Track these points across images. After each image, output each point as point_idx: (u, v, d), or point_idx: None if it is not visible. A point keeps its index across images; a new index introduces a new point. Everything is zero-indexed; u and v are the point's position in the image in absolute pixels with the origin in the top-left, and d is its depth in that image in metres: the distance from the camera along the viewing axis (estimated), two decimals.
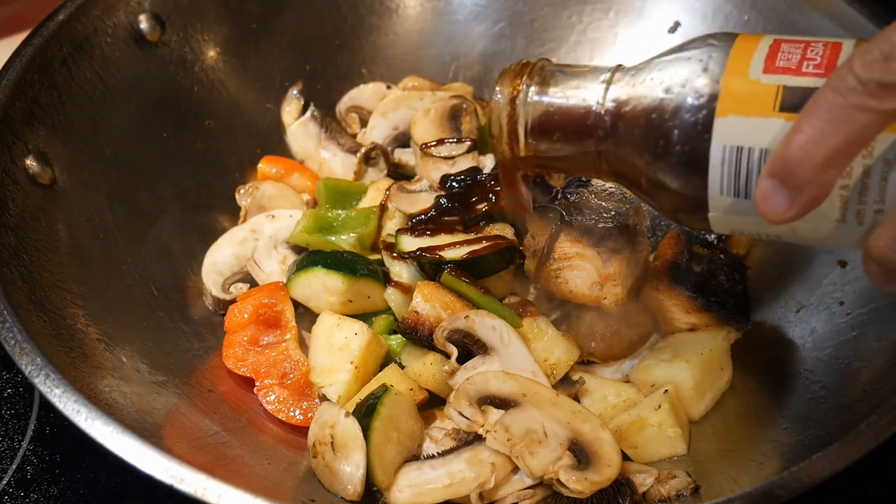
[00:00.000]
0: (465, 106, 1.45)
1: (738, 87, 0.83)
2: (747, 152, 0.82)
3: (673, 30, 1.50)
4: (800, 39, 0.84)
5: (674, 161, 0.88)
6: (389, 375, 1.17)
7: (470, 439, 1.08)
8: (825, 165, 0.72)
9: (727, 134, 0.83)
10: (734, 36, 0.88)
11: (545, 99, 0.96)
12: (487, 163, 1.36)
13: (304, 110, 1.52)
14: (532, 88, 0.97)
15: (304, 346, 1.25)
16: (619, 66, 0.96)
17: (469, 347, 1.13)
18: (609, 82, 0.94)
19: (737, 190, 0.85)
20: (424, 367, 1.17)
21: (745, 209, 0.85)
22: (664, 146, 0.88)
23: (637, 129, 0.90)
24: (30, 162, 1.18)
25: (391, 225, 1.32)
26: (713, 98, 0.84)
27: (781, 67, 0.82)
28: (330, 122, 1.52)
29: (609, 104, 0.92)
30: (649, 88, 0.89)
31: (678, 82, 0.87)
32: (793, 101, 0.80)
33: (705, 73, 0.86)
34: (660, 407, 1.11)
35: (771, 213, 0.76)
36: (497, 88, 0.99)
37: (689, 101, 0.86)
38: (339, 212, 1.35)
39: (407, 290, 1.23)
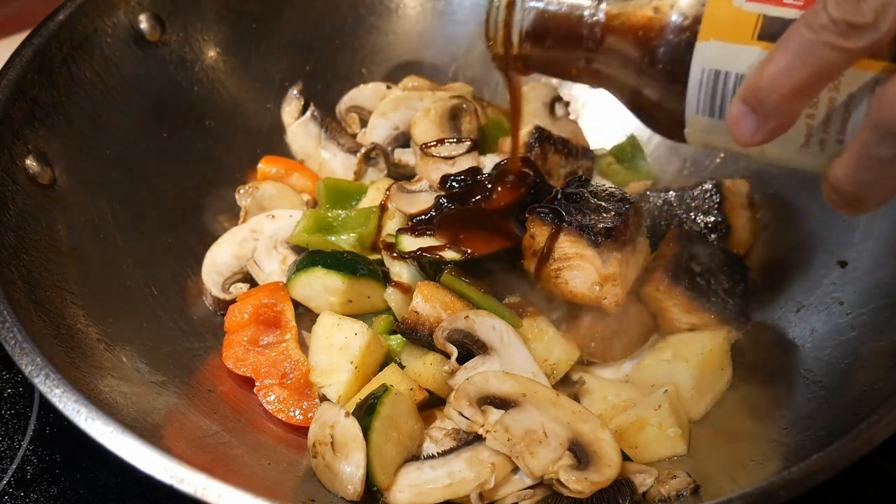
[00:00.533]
0: (465, 106, 1.45)
1: (720, 13, 0.86)
2: (724, 76, 0.86)
3: None
4: None
5: (656, 77, 0.92)
6: (389, 375, 1.17)
7: (470, 439, 1.08)
8: (792, 96, 0.76)
9: (707, 57, 0.86)
10: None
11: (540, 5, 0.99)
12: (487, 163, 1.36)
13: (304, 110, 1.52)
14: None
15: (304, 346, 1.25)
16: None
17: (469, 347, 1.13)
18: None
19: (712, 110, 0.88)
20: (424, 367, 1.17)
21: (718, 128, 0.89)
22: (648, 62, 0.92)
23: (624, 44, 0.94)
24: (30, 162, 1.18)
25: (391, 225, 1.32)
26: (697, 21, 0.87)
27: None
28: (330, 122, 1.52)
29: (600, 16, 0.96)
30: (639, 5, 0.93)
31: (667, 2, 0.90)
32: (771, 31, 0.82)
33: None
34: (660, 407, 1.11)
35: (740, 135, 0.81)
36: None
37: (675, 21, 0.89)
38: (339, 212, 1.35)
39: (407, 290, 1.23)
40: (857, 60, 0.75)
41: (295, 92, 1.52)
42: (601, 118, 1.57)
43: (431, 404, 1.18)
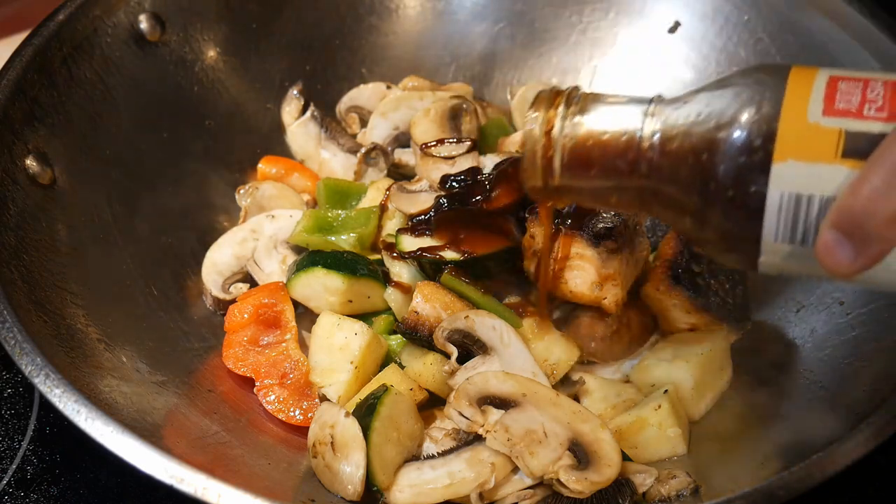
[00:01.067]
0: (465, 106, 1.45)
1: (796, 130, 0.78)
2: (807, 200, 0.78)
3: (673, 30, 1.50)
4: (857, 77, 0.80)
5: (725, 205, 0.83)
6: (389, 375, 1.17)
7: (470, 439, 1.08)
8: (893, 219, 0.70)
9: (786, 180, 0.79)
10: (787, 69, 0.83)
11: (583, 129, 0.90)
12: (487, 163, 1.36)
13: (304, 110, 1.52)
14: (569, 119, 0.91)
15: (304, 346, 1.25)
16: (659, 96, 0.91)
17: (469, 347, 1.13)
18: (651, 114, 0.88)
19: (793, 237, 0.80)
20: (424, 367, 1.17)
21: (801, 255, 0.81)
22: (715, 189, 0.82)
23: (685, 168, 0.85)
24: (30, 162, 1.18)
25: (391, 225, 1.32)
26: (770, 140, 0.79)
27: (842, 110, 0.77)
28: (330, 122, 1.52)
29: (655, 139, 0.87)
30: (697, 124, 0.84)
31: (730, 120, 0.82)
32: (856, 147, 0.76)
33: (760, 111, 0.81)
34: (660, 407, 1.11)
35: (834, 266, 0.74)
36: (531, 116, 0.92)
37: (744, 141, 0.80)
38: (339, 212, 1.35)
39: (407, 290, 1.23)
40: None
41: (295, 92, 1.52)
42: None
43: (431, 404, 1.18)
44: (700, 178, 0.83)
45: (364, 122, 1.53)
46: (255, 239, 1.36)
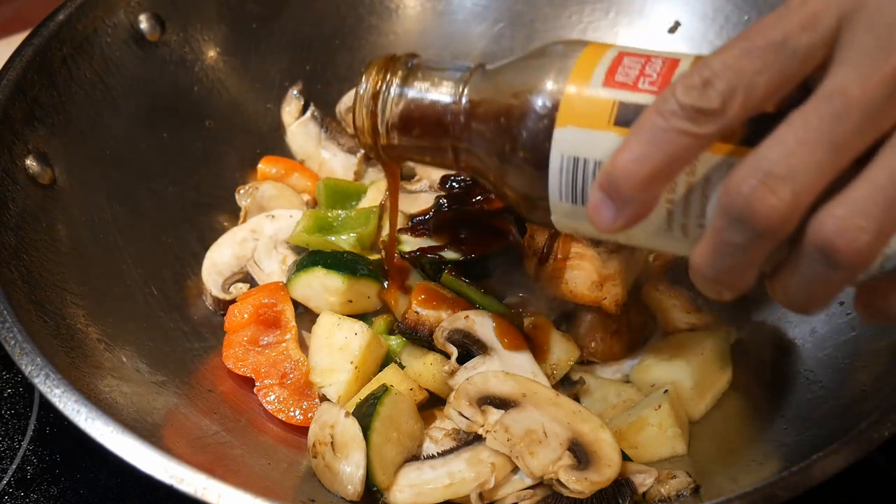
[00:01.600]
0: None
1: (577, 99, 0.85)
2: (583, 163, 0.84)
3: (673, 30, 1.50)
4: (642, 53, 0.86)
5: (518, 165, 0.90)
6: (389, 375, 1.17)
7: (470, 439, 1.08)
8: (648, 183, 0.75)
9: (565, 144, 0.85)
10: (584, 44, 0.90)
11: (406, 95, 0.98)
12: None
13: (304, 110, 1.52)
14: (395, 83, 0.99)
15: (304, 346, 1.25)
16: (480, 65, 0.98)
17: (469, 347, 1.13)
18: (466, 82, 0.96)
19: (574, 197, 0.87)
20: (424, 367, 1.17)
21: (582, 214, 0.87)
22: (510, 150, 0.90)
23: (487, 131, 0.93)
24: (30, 162, 1.18)
25: None
26: (555, 107, 0.86)
27: (619, 82, 0.83)
28: (330, 122, 1.52)
29: (464, 103, 0.95)
30: (501, 92, 0.92)
31: (526, 88, 0.89)
32: (626, 117, 0.81)
33: (551, 81, 0.87)
34: (660, 407, 1.11)
35: (600, 223, 0.79)
36: (361, 78, 1.01)
37: (534, 107, 0.88)
38: (339, 212, 1.35)
39: (407, 290, 1.23)
40: (710, 145, 0.74)
41: (295, 92, 1.52)
42: None
43: (431, 404, 1.18)
44: (499, 141, 0.91)
45: None
46: (255, 239, 1.36)
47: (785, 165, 0.69)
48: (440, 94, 0.97)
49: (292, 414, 1.18)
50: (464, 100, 0.95)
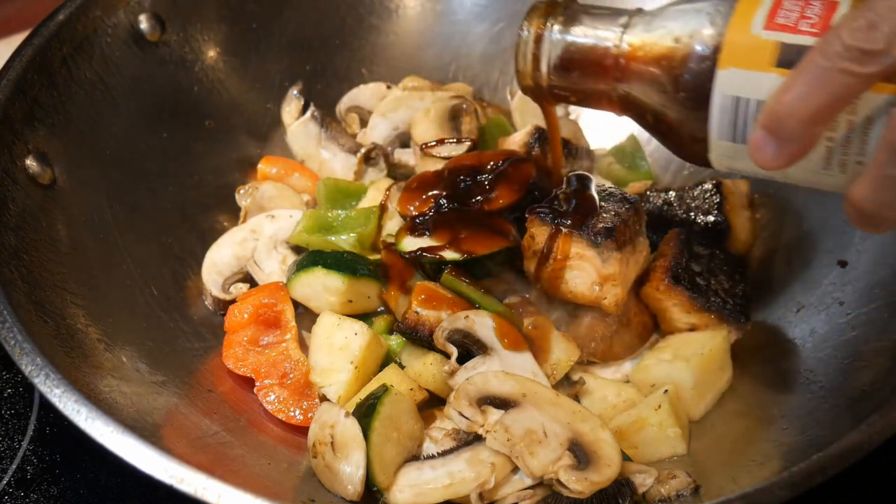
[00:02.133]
0: (465, 106, 1.45)
1: (739, 41, 0.88)
2: (745, 103, 0.88)
3: None
4: None
5: (679, 105, 0.94)
6: (389, 375, 1.17)
7: (470, 439, 1.08)
8: (811, 121, 0.79)
9: (727, 84, 0.88)
10: None
11: (568, 38, 1.02)
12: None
13: (304, 110, 1.52)
14: (556, 28, 1.03)
15: (304, 346, 1.25)
16: (639, 9, 1.01)
17: (469, 347, 1.13)
18: (626, 26, 0.99)
19: (734, 135, 0.90)
20: (424, 367, 1.17)
21: (741, 153, 0.91)
22: (672, 91, 0.94)
23: (648, 73, 0.97)
24: (30, 162, 1.18)
25: (391, 225, 1.32)
26: (717, 50, 0.89)
27: (780, 24, 0.86)
28: (330, 122, 1.52)
29: (624, 47, 0.99)
30: (661, 36, 0.95)
31: (687, 32, 0.93)
32: (788, 58, 0.84)
33: (711, 25, 0.91)
34: (660, 407, 1.11)
35: (762, 160, 0.83)
36: (524, 24, 1.04)
37: (696, 51, 0.91)
38: (339, 212, 1.35)
39: (407, 291, 1.23)
40: (872, 85, 0.77)
41: (295, 92, 1.52)
42: (601, 118, 1.56)
43: (431, 404, 1.18)
44: (660, 82, 0.95)
45: (364, 122, 1.54)
46: (255, 239, 1.36)
47: None
48: (601, 37, 1.00)
49: (292, 414, 1.18)
50: (624, 44, 0.98)
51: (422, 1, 1.61)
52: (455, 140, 1.39)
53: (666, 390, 1.12)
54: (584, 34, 1.02)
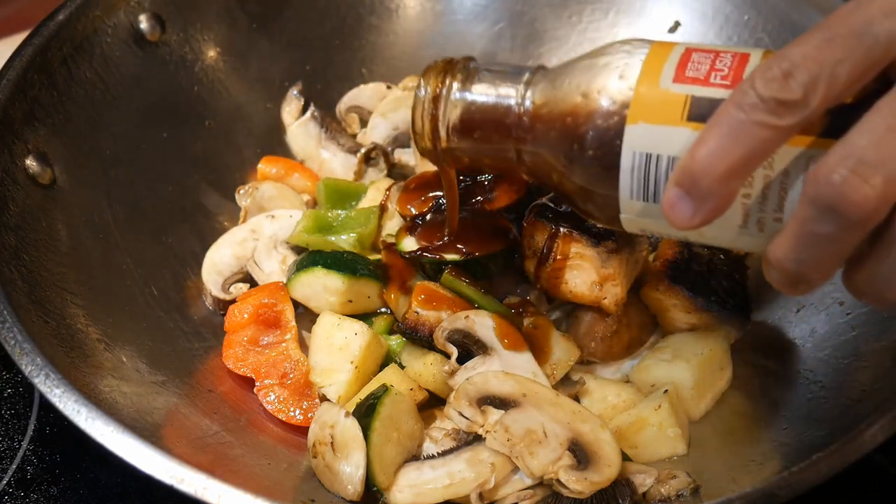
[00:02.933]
0: None
1: (648, 95, 0.85)
2: (655, 159, 0.84)
3: (673, 29, 1.50)
4: (710, 49, 0.86)
5: (587, 164, 0.90)
6: (389, 375, 1.17)
7: (470, 439, 1.08)
8: (727, 178, 0.74)
9: (637, 140, 0.85)
10: (649, 43, 0.90)
11: (467, 97, 0.99)
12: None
13: (304, 110, 1.52)
14: (455, 87, 0.99)
15: (304, 346, 1.25)
16: (541, 66, 0.99)
17: (469, 347, 1.13)
18: (529, 84, 0.96)
19: (646, 195, 0.87)
20: (424, 367, 1.17)
21: (654, 213, 0.87)
22: (578, 149, 0.90)
23: (553, 132, 0.93)
24: (30, 162, 1.18)
25: (391, 225, 1.32)
26: (625, 105, 0.86)
27: (690, 77, 0.83)
28: (330, 122, 1.52)
29: (528, 105, 0.95)
30: (567, 93, 0.92)
31: (594, 87, 0.89)
32: (700, 112, 0.82)
33: (620, 79, 0.87)
34: (660, 407, 1.11)
35: (677, 220, 0.78)
36: (420, 83, 1.01)
37: (603, 106, 0.88)
38: (339, 212, 1.35)
39: (407, 291, 1.23)
40: (790, 137, 0.74)
41: (295, 92, 1.52)
42: None
43: (431, 404, 1.18)
44: (565, 141, 0.91)
45: (364, 122, 1.54)
46: (255, 239, 1.36)
47: (875, 153, 0.68)
48: (502, 96, 0.97)
49: (292, 414, 1.18)
50: (527, 101, 0.95)
51: (422, 1, 1.61)
52: None
53: (666, 390, 1.12)
54: (485, 92, 0.97)
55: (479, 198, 1.24)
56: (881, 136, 0.69)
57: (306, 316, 1.29)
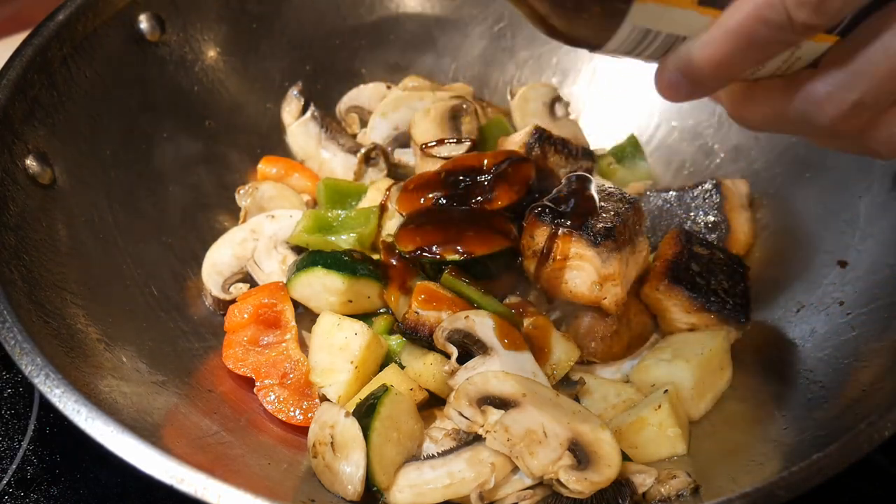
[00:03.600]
0: (465, 106, 1.45)
1: None
2: (654, 35, 0.80)
3: None
4: None
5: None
6: (389, 375, 1.17)
7: (470, 439, 1.08)
8: (728, 78, 0.78)
9: (644, 12, 0.80)
10: None
11: None
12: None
13: (304, 110, 1.52)
14: None
15: (304, 346, 1.25)
16: None
17: (469, 347, 1.13)
18: None
19: (634, 53, 0.82)
20: (424, 367, 1.17)
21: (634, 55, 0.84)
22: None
23: None
24: (30, 162, 1.18)
25: (391, 225, 1.32)
26: None
27: None
28: (330, 122, 1.52)
29: None
30: None
31: None
32: None
33: None
34: (660, 407, 1.11)
35: (670, 96, 0.80)
36: None
37: None
38: (339, 212, 1.35)
39: (407, 291, 1.23)
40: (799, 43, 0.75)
41: (295, 92, 1.52)
42: (601, 118, 1.57)
43: (431, 404, 1.18)
44: None
45: (364, 122, 1.54)
46: (255, 239, 1.36)
47: None
48: None
49: (292, 414, 1.18)
50: None
51: (421, 1, 1.61)
52: (455, 140, 1.39)
53: (666, 390, 1.12)
54: None
55: (479, 198, 1.24)
56: None
57: (306, 316, 1.29)
